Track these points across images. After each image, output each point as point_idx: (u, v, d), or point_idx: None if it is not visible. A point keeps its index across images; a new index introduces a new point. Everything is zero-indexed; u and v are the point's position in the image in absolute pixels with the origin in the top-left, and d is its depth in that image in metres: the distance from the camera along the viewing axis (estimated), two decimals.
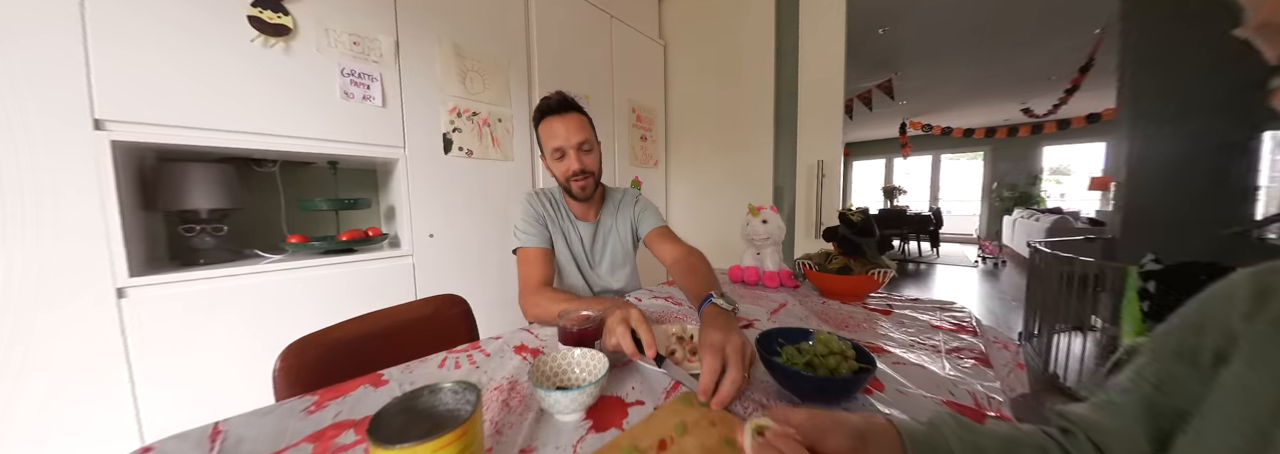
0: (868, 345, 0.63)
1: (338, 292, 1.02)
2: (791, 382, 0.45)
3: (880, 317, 0.78)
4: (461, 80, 1.26)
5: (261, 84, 0.88)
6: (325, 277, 1.00)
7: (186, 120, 0.81)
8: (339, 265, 1.03)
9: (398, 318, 0.74)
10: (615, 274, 0.99)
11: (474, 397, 0.33)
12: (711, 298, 0.60)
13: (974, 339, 0.68)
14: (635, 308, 0.57)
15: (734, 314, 0.59)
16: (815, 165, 1.56)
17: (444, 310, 0.80)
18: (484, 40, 1.32)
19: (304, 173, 1.18)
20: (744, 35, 1.77)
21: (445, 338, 0.79)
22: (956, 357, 0.60)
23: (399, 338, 0.72)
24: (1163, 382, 0.28)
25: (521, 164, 1.45)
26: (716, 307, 0.58)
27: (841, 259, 0.94)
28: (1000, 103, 5.20)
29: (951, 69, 3.83)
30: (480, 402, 0.32)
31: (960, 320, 0.77)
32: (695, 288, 0.71)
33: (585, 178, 0.86)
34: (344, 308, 1.00)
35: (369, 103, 1.05)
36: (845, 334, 0.66)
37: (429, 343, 0.76)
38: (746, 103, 1.78)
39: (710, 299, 0.60)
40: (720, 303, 0.59)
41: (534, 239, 0.87)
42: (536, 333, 0.70)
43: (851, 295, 0.89)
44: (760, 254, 1.04)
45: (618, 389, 0.49)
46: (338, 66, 0.99)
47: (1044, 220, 4.41)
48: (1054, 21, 2.85)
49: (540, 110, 0.86)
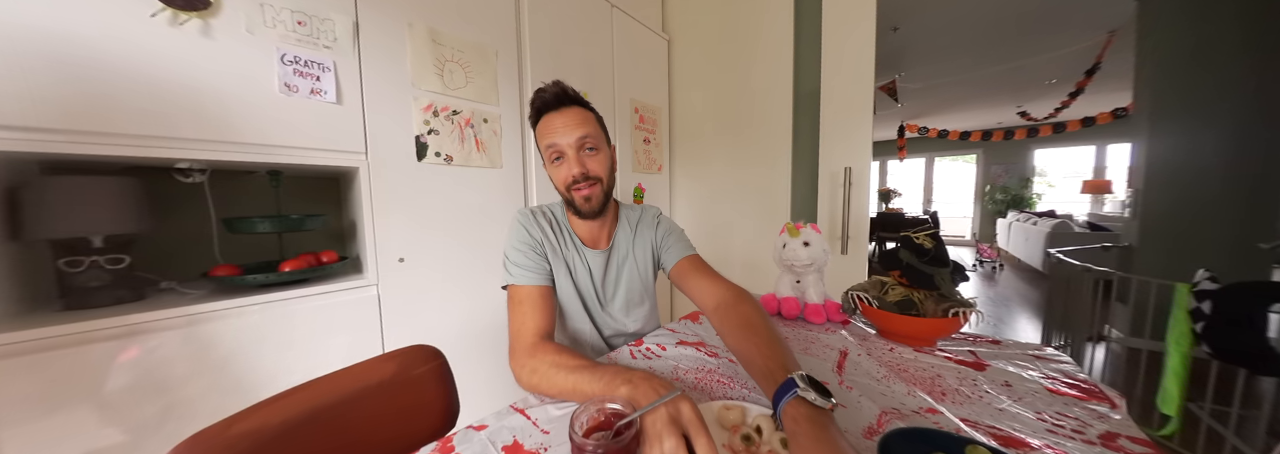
0: (996, 436, 0.45)
1: (278, 339, 0.80)
2: None
3: (975, 374, 0.61)
4: (439, 73, 1.04)
5: (171, 72, 0.67)
6: (261, 321, 0.77)
7: (68, 122, 0.60)
8: (282, 303, 0.80)
9: (343, 389, 0.54)
10: (631, 314, 0.78)
11: None
12: (795, 389, 0.39)
13: (1107, 409, 0.51)
14: (688, 401, 0.39)
15: (833, 413, 0.38)
16: (841, 173, 1.39)
17: (411, 370, 0.60)
18: (466, 26, 1.10)
19: (240, 184, 0.96)
20: (757, 30, 1.59)
21: (411, 410, 0.59)
22: (1112, 450, 0.43)
23: (344, 420, 0.52)
24: None
25: (512, 172, 1.23)
26: (808, 406, 0.37)
27: (903, 291, 0.77)
28: (997, 105, 5.14)
29: (956, 71, 3.72)
30: None
31: (1071, 376, 0.60)
32: (761, 359, 0.48)
33: (590, 185, 0.66)
34: (284, 364, 0.79)
35: (318, 98, 0.83)
36: (954, 414, 0.48)
37: (387, 422, 0.56)
38: (760, 103, 1.61)
39: (794, 391, 0.39)
40: (814, 400, 0.38)
41: (529, 274, 0.66)
42: (535, 417, 0.50)
43: (922, 340, 0.71)
44: (801, 283, 0.86)
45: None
46: (277, 52, 0.78)
47: (1042, 224, 4.32)
48: (1065, 23, 2.74)
49: (535, 107, 0.68)
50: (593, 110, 0.70)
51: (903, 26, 2.71)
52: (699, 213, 1.86)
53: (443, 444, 0.45)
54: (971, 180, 7.30)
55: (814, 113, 1.47)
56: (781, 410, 0.39)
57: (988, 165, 7.01)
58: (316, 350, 0.84)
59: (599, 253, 0.74)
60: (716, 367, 0.63)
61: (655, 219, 0.81)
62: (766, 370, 0.45)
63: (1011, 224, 5.20)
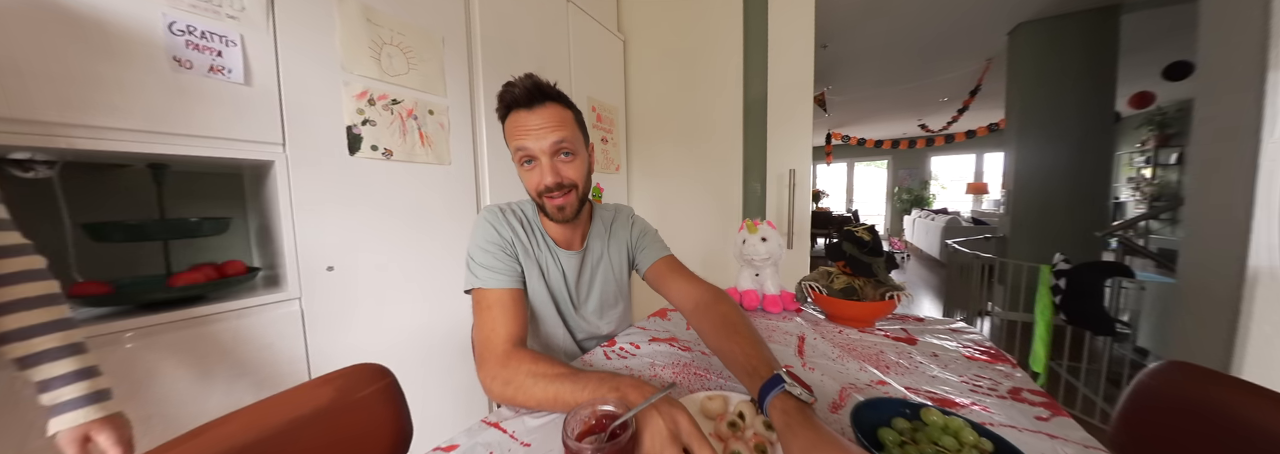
0: (934, 399, 0.51)
1: (172, 371, 0.65)
2: None
3: (908, 348, 0.69)
4: (375, 56, 0.92)
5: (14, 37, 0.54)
6: (146, 350, 0.63)
7: None
8: (174, 326, 0.66)
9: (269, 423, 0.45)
10: (605, 316, 0.76)
11: None
12: (783, 384, 0.40)
13: (1009, 369, 0.60)
14: (684, 414, 0.38)
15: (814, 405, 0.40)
16: (787, 174, 1.50)
17: (353, 393, 0.52)
18: (407, 6, 0.99)
19: (109, 181, 0.78)
20: (710, 36, 1.65)
21: (357, 440, 0.51)
22: (1021, 403, 0.51)
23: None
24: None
25: (462, 169, 1.13)
26: (794, 400, 0.39)
27: (846, 279, 0.85)
28: (903, 118, 5.85)
29: (871, 87, 4.18)
30: None
31: (980, 344, 0.71)
32: (743, 357, 0.48)
33: (563, 194, 0.60)
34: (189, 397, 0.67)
35: (221, 77, 0.70)
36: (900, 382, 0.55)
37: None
38: (713, 107, 1.68)
39: (781, 386, 0.40)
40: (799, 394, 0.39)
41: (498, 276, 0.60)
42: (511, 430, 0.47)
43: (864, 321, 0.79)
44: (760, 275, 0.91)
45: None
46: (164, 19, 0.64)
47: (939, 220, 5.00)
48: (954, 50, 3.19)
49: (504, 101, 0.60)
50: (571, 107, 0.63)
51: (831, 45, 2.98)
52: (656, 212, 1.89)
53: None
54: (883, 183, 8.23)
55: (762, 117, 1.56)
56: (769, 404, 0.40)
57: (896, 170, 7.96)
58: (224, 381, 0.72)
59: (573, 254, 0.70)
60: (691, 360, 0.65)
61: (630, 219, 0.79)
62: (750, 368, 0.46)
63: (915, 220, 5.95)
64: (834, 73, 3.68)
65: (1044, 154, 2.67)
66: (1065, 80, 2.60)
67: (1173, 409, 0.50)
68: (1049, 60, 2.63)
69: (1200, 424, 0.47)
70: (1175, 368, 0.52)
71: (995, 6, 2.49)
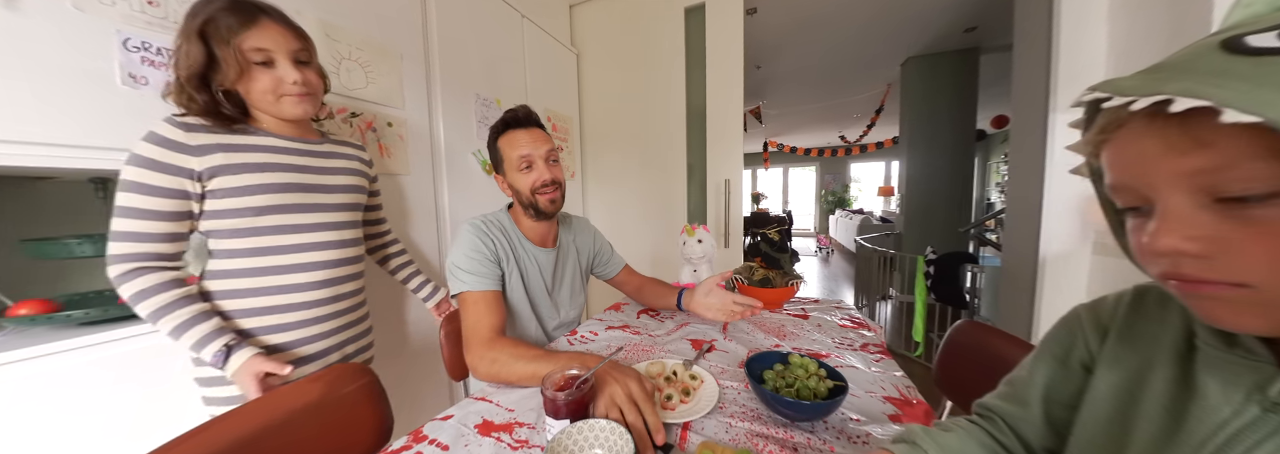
0: (810, 353, 0.71)
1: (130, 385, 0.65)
2: (793, 410, 0.47)
3: (802, 322, 0.89)
4: (334, 70, 0.95)
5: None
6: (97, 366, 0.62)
7: None
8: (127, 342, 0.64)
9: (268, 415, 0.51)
10: (573, 301, 0.91)
11: None
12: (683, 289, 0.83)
13: (871, 334, 0.83)
14: (633, 375, 0.51)
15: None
16: (722, 184, 1.71)
17: (339, 389, 0.58)
18: (365, 22, 1.02)
19: (38, 194, 0.75)
20: (655, 54, 1.79)
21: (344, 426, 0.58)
22: (867, 353, 0.72)
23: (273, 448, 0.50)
24: (1052, 381, 0.36)
25: (421, 178, 1.17)
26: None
27: (763, 271, 1.05)
28: (827, 130, 6.53)
29: (797, 103, 4.65)
30: None
31: (852, 316, 0.93)
32: (666, 293, 0.93)
33: (555, 189, 0.77)
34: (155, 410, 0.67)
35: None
36: (789, 344, 0.74)
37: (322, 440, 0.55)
38: (660, 121, 1.83)
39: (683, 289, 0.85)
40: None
41: (483, 280, 0.71)
42: (496, 400, 0.57)
43: (776, 304, 0.99)
44: (697, 271, 1.08)
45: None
46: (117, 35, 0.65)
47: (856, 219, 5.67)
48: (860, 75, 3.69)
49: (504, 122, 0.77)
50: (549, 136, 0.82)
51: (763, 66, 3.31)
52: (609, 216, 2.03)
53: (413, 436, 0.49)
54: (813, 186, 9.07)
55: (702, 130, 1.76)
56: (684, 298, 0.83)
57: (822, 175, 8.82)
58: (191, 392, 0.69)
59: (548, 251, 0.85)
60: (639, 341, 0.80)
61: (588, 228, 0.96)
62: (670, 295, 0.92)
63: (837, 219, 6.66)
64: (767, 89, 4.06)
65: (926, 164, 3.20)
66: (941, 104, 3.14)
67: (965, 351, 0.73)
68: (929, 87, 3.16)
69: (978, 357, 0.70)
70: (968, 325, 0.77)
71: (891, 43, 2.95)
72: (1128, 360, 0.30)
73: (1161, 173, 0.21)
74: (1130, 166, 0.22)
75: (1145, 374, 0.28)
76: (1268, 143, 0.17)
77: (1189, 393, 0.25)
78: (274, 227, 0.63)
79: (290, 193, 0.63)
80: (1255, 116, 0.16)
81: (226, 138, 0.59)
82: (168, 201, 0.56)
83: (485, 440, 0.48)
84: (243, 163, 0.59)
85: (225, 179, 0.58)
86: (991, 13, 2.42)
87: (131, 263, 0.55)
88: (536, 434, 0.49)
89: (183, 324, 0.55)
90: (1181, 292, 0.22)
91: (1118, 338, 0.31)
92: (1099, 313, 0.34)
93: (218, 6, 0.56)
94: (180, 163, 0.55)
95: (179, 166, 0.55)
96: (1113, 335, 0.32)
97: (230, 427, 0.49)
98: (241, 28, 0.56)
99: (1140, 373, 0.29)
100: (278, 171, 0.62)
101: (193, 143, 0.56)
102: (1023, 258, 1.50)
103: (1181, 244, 0.21)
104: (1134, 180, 0.22)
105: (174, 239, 0.58)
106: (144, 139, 0.55)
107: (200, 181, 0.57)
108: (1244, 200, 0.19)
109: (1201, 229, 0.20)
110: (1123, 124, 0.22)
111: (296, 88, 0.61)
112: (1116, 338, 0.31)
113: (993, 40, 2.86)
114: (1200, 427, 0.24)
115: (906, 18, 2.53)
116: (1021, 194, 1.51)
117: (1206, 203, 0.20)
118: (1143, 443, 0.26)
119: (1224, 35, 0.20)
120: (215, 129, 0.59)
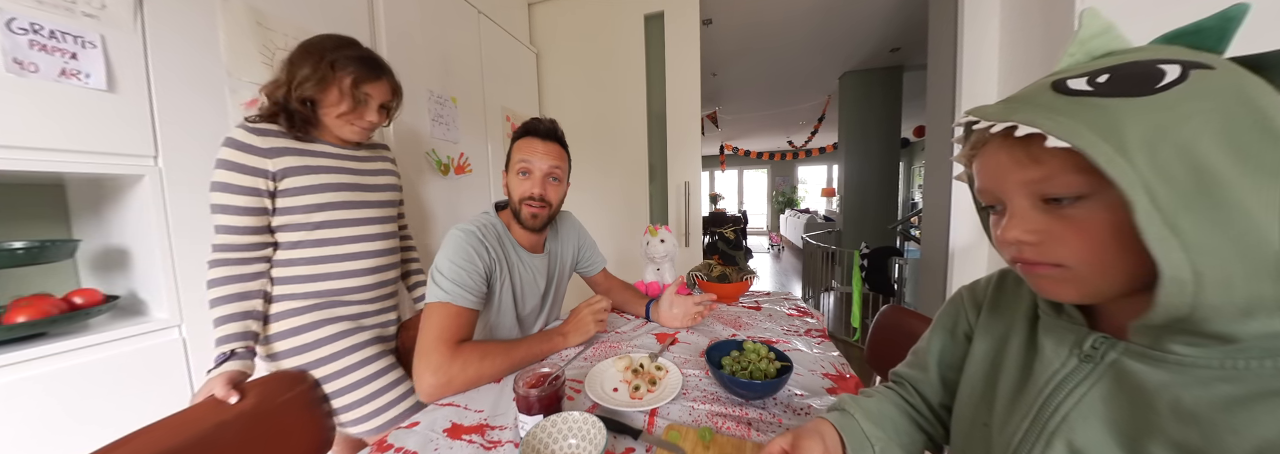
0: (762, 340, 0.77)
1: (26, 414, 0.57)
2: (746, 389, 0.52)
3: (756, 313, 0.96)
4: (267, 61, 0.85)
5: None
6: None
7: None
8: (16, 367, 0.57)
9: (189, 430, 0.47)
10: (556, 308, 0.94)
11: None
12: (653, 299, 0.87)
13: (814, 321, 0.91)
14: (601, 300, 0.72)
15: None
16: (682, 186, 1.77)
17: (273, 399, 0.55)
18: (303, 11, 0.93)
19: None
20: (616, 55, 1.80)
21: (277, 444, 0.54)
22: (810, 337, 0.80)
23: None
24: (943, 349, 0.43)
25: None
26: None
27: (720, 268, 1.11)
28: (776, 136, 6.91)
29: (750, 109, 4.89)
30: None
31: (798, 306, 1.02)
32: (635, 300, 0.94)
33: (540, 207, 0.76)
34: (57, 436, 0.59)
35: (74, 82, 0.63)
36: (744, 334, 0.80)
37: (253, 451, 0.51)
38: (622, 123, 1.85)
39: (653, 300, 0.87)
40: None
41: (469, 297, 0.65)
42: (463, 403, 0.56)
43: (732, 297, 1.05)
44: (660, 270, 1.12)
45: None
46: (2, 15, 0.57)
47: (803, 218, 6.05)
48: (803, 87, 3.95)
49: (526, 128, 0.77)
50: (567, 151, 0.81)
51: (718, 73, 3.45)
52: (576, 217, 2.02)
53: (377, 445, 0.47)
54: (765, 187, 9.56)
55: (662, 133, 1.80)
56: (653, 306, 0.86)
57: (773, 177, 9.31)
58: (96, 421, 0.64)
59: (540, 257, 0.85)
60: (608, 339, 0.82)
61: (573, 225, 0.97)
62: (640, 300, 0.92)
63: (787, 218, 7.07)
64: (723, 96, 4.23)
65: (861, 168, 3.51)
66: (871, 115, 3.45)
67: (889, 332, 0.83)
68: (862, 99, 3.47)
69: (899, 337, 0.80)
70: (892, 310, 0.87)
71: (829, 58, 3.20)
72: (995, 329, 0.37)
73: (1010, 181, 0.27)
74: (990, 175, 0.28)
75: (1007, 339, 0.35)
76: (1076, 161, 0.23)
77: (1034, 351, 0.32)
78: (331, 221, 0.72)
79: (343, 192, 0.72)
80: (1066, 143, 0.22)
81: (293, 143, 0.68)
82: (248, 199, 0.64)
83: (456, 443, 0.48)
84: (307, 165, 0.69)
85: (294, 179, 0.67)
86: (912, 35, 2.71)
87: (217, 253, 0.64)
88: (508, 432, 0.50)
89: (220, 318, 0.62)
90: (1024, 272, 0.29)
91: (989, 311, 0.38)
92: (975, 292, 0.41)
93: (349, 55, 0.70)
94: (256, 165, 0.64)
95: (256, 168, 0.64)
96: (985, 309, 0.39)
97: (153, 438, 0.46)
98: (365, 80, 0.71)
99: (1004, 338, 0.36)
100: (334, 173, 0.72)
101: (264, 145, 0.65)
102: (937, 250, 1.70)
103: (1022, 235, 0.27)
104: (992, 186, 0.29)
105: (255, 232, 0.66)
106: (224, 144, 0.64)
107: (274, 180, 0.66)
108: (1060, 201, 0.25)
109: (1035, 224, 0.26)
110: (986, 142, 0.28)
111: (367, 125, 0.74)
112: (988, 311, 0.39)
113: (913, 60, 3.20)
114: (1040, 376, 0.30)
115: (841, 35, 2.76)
116: (935, 195, 1.71)
117: (1039, 204, 0.26)
118: (1006, 393, 0.33)
119: (1054, 78, 0.26)
120: (283, 134, 0.67)
